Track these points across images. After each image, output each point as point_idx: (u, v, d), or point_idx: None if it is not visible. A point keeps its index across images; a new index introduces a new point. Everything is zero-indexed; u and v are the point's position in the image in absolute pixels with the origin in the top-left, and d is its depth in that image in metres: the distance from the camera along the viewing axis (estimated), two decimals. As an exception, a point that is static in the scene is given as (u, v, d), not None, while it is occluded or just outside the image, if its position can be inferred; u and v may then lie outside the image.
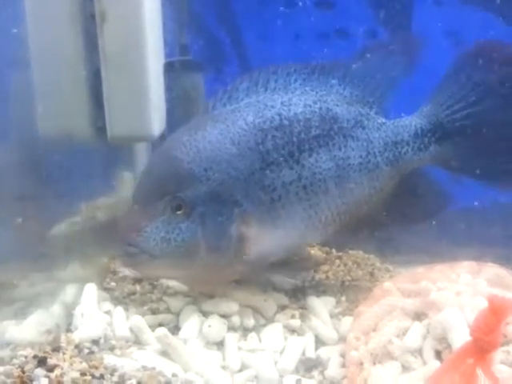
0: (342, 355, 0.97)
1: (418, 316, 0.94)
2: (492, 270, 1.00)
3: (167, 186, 0.99)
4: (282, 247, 1.04)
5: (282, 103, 1.05)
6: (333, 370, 0.95)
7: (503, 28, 1.30)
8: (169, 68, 1.26)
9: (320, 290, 1.21)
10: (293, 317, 1.07)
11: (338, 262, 1.40)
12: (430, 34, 1.32)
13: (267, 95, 1.06)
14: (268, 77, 1.08)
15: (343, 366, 0.95)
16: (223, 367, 0.96)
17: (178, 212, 0.97)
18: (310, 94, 1.09)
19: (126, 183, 1.32)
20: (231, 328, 1.02)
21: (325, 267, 1.36)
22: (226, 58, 1.48)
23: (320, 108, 1.07)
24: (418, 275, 1.03)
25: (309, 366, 0.98)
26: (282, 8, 1.42)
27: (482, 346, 0.72)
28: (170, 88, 1.24)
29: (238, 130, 1.00)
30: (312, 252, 1.42)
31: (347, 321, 1.05)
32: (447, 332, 0.86)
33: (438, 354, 0.90)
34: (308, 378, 0.95)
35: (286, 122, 1.03)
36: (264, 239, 1.00)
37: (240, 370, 0.95)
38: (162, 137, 1.20)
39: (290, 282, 1.18)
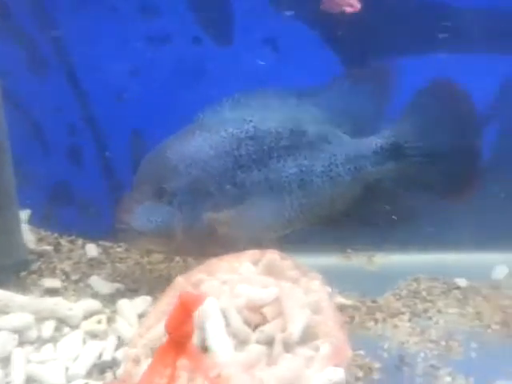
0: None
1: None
2: (269, 256, 1.05)
3: (155, 177, 1.22)
4: (248, 235, 1.23)
5: (259, 119, 1.28)
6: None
7: (311, 35, 1.47)
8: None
9: (142, 289, 1.28)
10: (99, 322, 1.09)
11: (177, 258, 1.44)
12: (249, 40, 1.48)
13: (248, 112, 1.29)
14: (249, 97, 1.32)
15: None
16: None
17: (162, 199, 1.20)
18: (285, 113, 1.31)
19: None
20: (25, 342, 1.02)
21: (161, 266, 1.40)
22: (47, 62, 1.49)
23: (292, 125, 1.30)
24: (212, 267, 1.07)
25: (103, 368, 1.01)
26: (106, 11, 1.45)
27: (175, 338, 0.75)
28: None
29: (218, 137, 1.24)
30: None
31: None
32: (205, 321, 0.90)
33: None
34: (98, 380, 0.97)
35: (259, 134, 1.27)
36: (232, 226, 1.22)
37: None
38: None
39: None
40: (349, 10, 1.34)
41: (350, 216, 1.34)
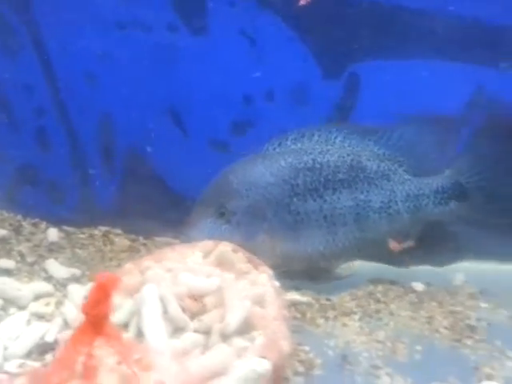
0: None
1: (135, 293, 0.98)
2: (221, 248, 1.07)
3: (218, 197, 1.33)
4: (299, 259, 1.34)
5: (319, 152, 1.36)
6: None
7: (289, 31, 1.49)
8: None
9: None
10: (47, 304, 1.10)
11: (142, 248, 1.44)
12: (225, 30, 1.49)
13: (310, 145, 1.38)
14: (313, 132, 1.40)
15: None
16: None
17: (222, 217, 1.31)
18: (346, 149, 1.38)
19: None
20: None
21: (123, 254, 1.40)
22: (18, 43, 1.48)
23: (352, 160, 1.36)
24: (161, 255, 1.07)
25: (44, 349, 1.01)
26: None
27: (91, 319, 0.76)
28: None
29: (278, 166, 1.34)
30: (116, 240, 1.46)
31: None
32: (141, 306, 0.90)
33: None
34: (37, 361, 0.97)
35: (317, 166, 1.34)
36: (283, 249, 1.31)
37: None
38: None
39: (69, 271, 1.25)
40: (302, 1, 1.35)
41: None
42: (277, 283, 1.09)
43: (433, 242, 1.40)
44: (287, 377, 0.98)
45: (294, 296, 1.33)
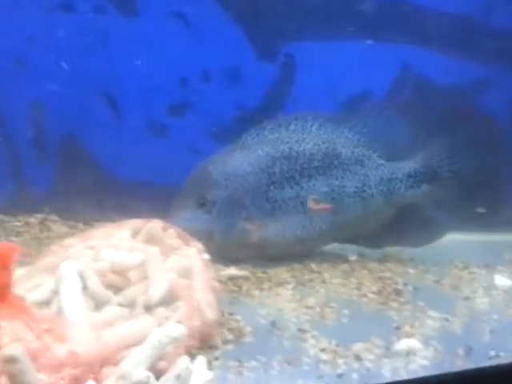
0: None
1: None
2: (150, 225, 1.08)
3: (198, 188, 1.38)
4: (278, 245, 1.39)
5: (295, 141, 1.42)
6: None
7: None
8: None
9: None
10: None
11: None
12: (156, 12, 1.54)
13: (286, 134, 1.43)
14: (290, 121, 1.45)
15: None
16: None
17: (203, 207, 1.36)
18: (322, 137, 1.44)
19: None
20: None
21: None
22: None
23: (327, 147, 1.42)
24: (88, 234, 1.08)
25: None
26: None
27: None
28: None
29: (255, 155, 1.40)
30: (54, 227, 1.45)
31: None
32: (60, 283, 0.91)
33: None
34: None
35: (293, 154, 1.40)
36: (263, 235, 1.37)
37: None
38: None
39: None
40: None
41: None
42: (206, 256, 1.12)
43: (406, 224, 1.46)
44: (215, 345, 1.01)
45: (232, 271, 1.36)
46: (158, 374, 0.82)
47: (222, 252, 1.34)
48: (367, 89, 1.66)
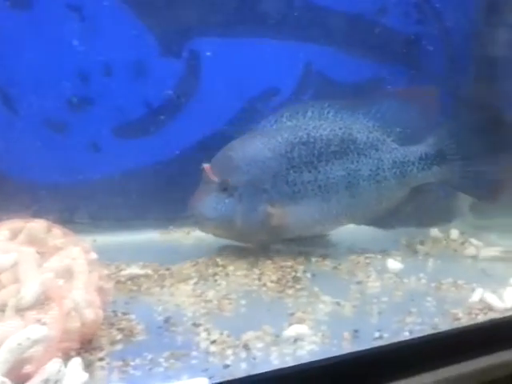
0: None
1: None
2: (31, 226, 1.04)
3: (221, 173, 1.42)
4: (298, 227, 1.45)
5: (313, 127, 1.48)
6: None
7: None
8: None
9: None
10: None
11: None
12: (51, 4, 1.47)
13: (304, 121, 1.49)
14: (307, 108, 1.50)
15: None
16: None
17: (225, 191, 1.41)
18: (338, 123, 1.50)
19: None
20: None
21: None
22: None
23: (343, 133, 1.48)
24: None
25: None
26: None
27: None
28: None
29: (275, 142, 1.45)
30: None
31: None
32: None
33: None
34: None
35: (311, 140, 1.46)
36: (283, 219, 1.41)
37: None
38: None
39: None
40: None
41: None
42: (93, 256, 1.08)
43: (418, 206, 1.54)
44: (101, 345, 0.97)
45: (132, 270, 1.33)
46: (25, 379, 0.79)
47: (246, 236, 1.43)
48: (273, 86, 1.69)
